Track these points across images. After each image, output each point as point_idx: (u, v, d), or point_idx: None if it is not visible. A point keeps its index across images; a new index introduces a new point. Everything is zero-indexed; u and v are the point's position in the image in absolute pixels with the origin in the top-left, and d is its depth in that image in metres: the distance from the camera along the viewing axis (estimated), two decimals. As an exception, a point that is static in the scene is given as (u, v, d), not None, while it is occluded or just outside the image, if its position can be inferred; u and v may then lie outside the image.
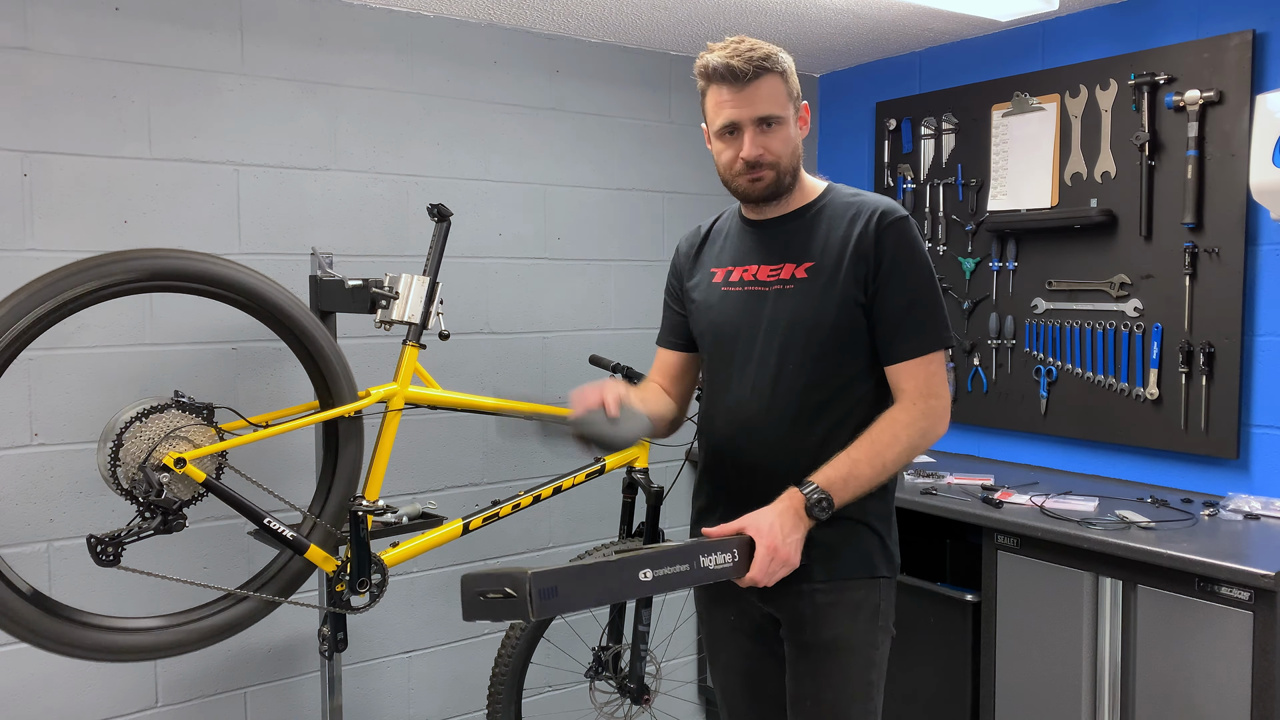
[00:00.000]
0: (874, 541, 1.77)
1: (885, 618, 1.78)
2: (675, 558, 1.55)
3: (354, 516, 2.03)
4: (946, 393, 1.71)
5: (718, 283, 1.85)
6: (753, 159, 1.70)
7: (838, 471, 1.63)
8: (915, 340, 1.68)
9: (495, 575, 1.45)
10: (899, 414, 1.67)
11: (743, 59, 1.67)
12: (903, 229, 1.70)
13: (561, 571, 1.45)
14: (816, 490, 1.61)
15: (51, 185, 2.31)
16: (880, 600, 1.76)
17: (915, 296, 1.69)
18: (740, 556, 1.59)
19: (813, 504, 1.61)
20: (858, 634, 1.74)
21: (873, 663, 1.76)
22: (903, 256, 1.68)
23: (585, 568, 1.50)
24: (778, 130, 1.71)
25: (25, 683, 2.32)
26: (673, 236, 3.31)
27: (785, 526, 1.59)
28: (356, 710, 2.78)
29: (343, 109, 2.67)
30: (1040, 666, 2.38)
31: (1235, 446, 2.55)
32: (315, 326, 1.99)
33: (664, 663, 3.18)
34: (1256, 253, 2.51)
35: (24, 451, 2.30)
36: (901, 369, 1.69)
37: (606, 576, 1.50)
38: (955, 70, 3.18)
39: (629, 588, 1.51)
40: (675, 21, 2.89)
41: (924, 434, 1.67)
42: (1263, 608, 1.98)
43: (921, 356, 1.68)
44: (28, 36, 2.26)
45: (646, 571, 1.52)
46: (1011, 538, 2.41)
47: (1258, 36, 2.49)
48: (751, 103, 1.68)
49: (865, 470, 1.64)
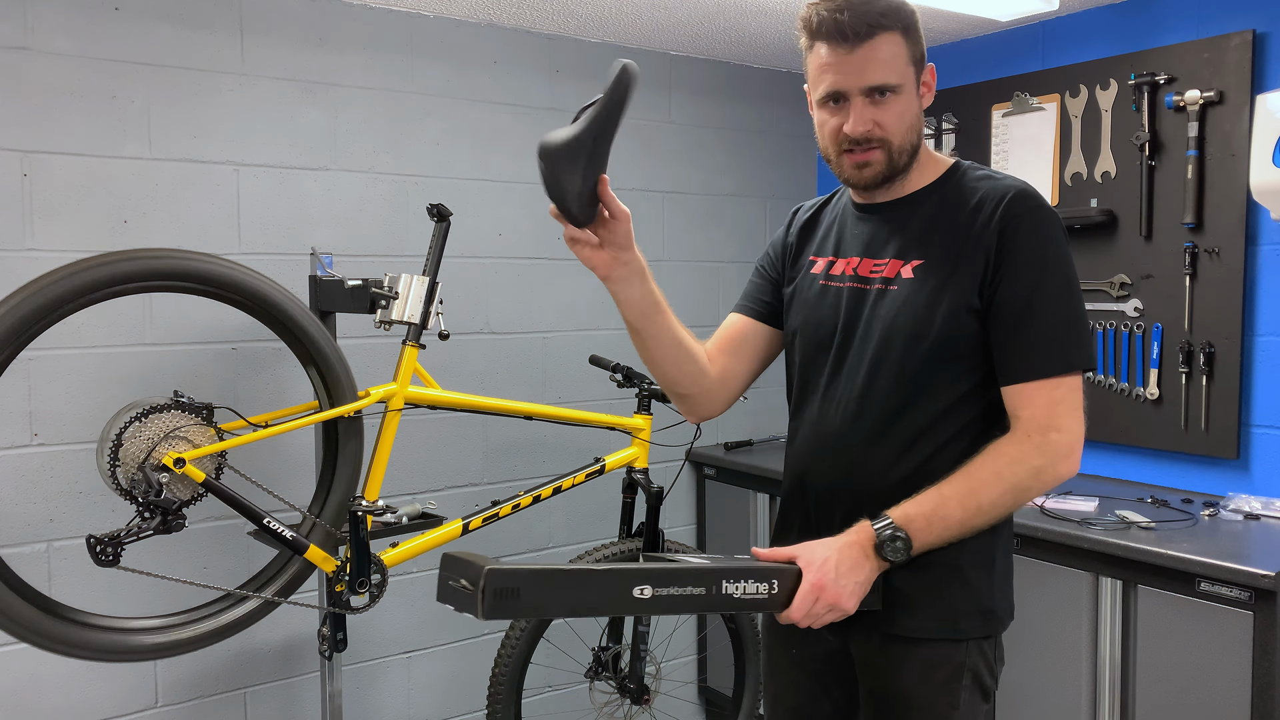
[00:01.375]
0: (965, 595, 1.48)
1: (974, 677, 1.48)
2: (688, 578, 1.34)
3: (354, 517, 2.03)
4: (1076, 426, 1.39)
5: (816, 274, 1.60)
6: (860, 135, 1.43)
7: (920, 509, 1.38)
8: (1039, 359, 1.38)
9: (464, 562, 1.31)
10: (1008, 447, 1.39)
11: (854, 12, 1.38)
12: (1038, 219, 1.40)
13: (527, 573, 1.28)
14: (891, 526, 1.37)
15: (51, 185, 2.31)
16: (966, 659, 1.47)
17: (1043, 304, 1.38)
18: (781, 589, 1.38)
19: (883, 541, 1.36)
20: (932, 692, 1.48)
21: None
22: (1031, 253, 1.39)
23: (559, 573, 1.32)
24: (893, 101, 1.42)
25: (25, 683, 2.32)
26: (673, 237, 3.31)
27: (843, 565, 1.35)
28: (356, 710, 2.78)
29: (343, 109, 2.67)
30: (1040, 666, 2.38)
31: (1235, 446, 2.55)
32: (315, 326, 1.99)
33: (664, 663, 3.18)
34: (1256, 253, 2.51)
35: (24, 451, 2.30)
36: (1019, 391, 1.40)
37: (588, 587, 1.32)
38: (955, 70, 3.18)
39: (619, 604, 1.33)
40: (675, 21, 2.89)
41: (1037, 473, 1.37)
42: (1263, 608, 1.98)
43: (1046, 379, 1.38)
44: (28, 36, 2.26)
45: (645, 589, 1.33)
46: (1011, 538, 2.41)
47: (1258, 36, 2.48)
48: (862, 69, 1.40)
49: (955, 511, 1.37)
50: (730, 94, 3.40)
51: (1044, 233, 1.40)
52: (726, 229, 3.43)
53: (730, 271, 3.45)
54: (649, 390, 2.48)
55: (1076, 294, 1.42)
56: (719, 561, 1.40)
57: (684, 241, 3.34)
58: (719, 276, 3.42)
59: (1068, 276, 1.41)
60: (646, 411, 2.47)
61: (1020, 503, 1.41)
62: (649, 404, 2.47)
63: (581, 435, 2.89)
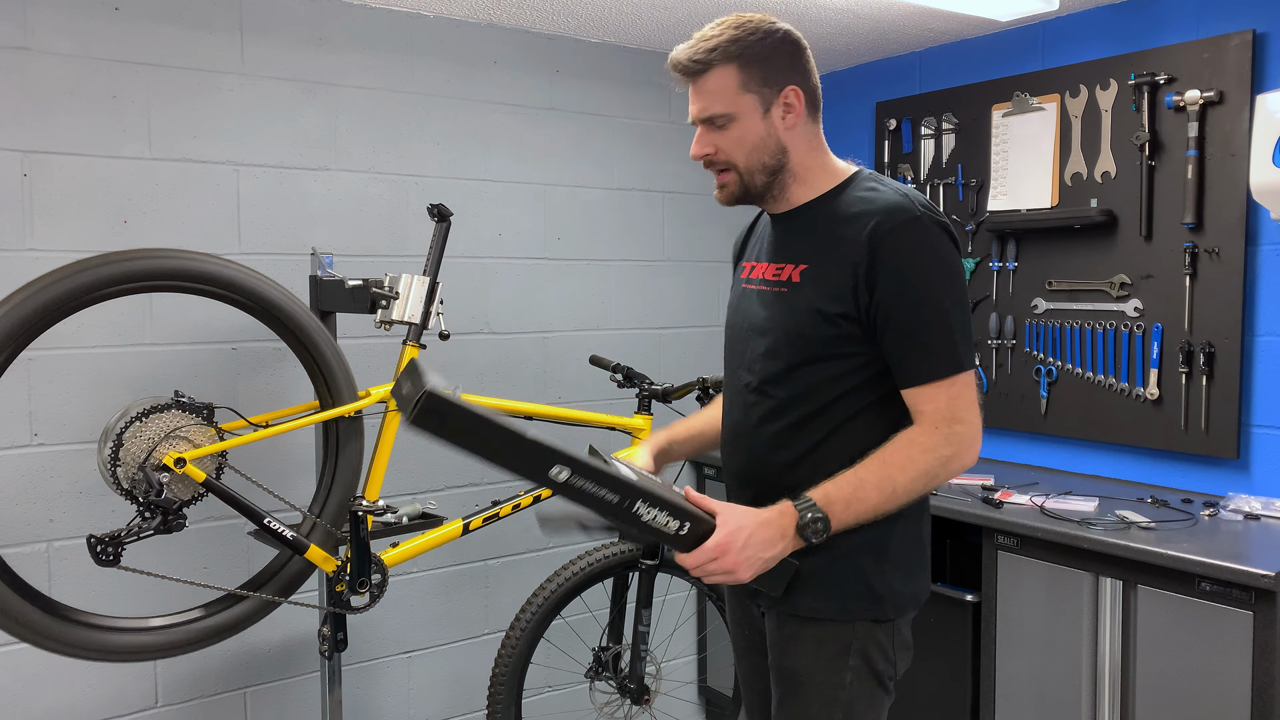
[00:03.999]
0: (853, 578, 1.55)
1: (862, 659, 1.55)
2: (608, 482, 1.39)
3: (354, 516, 2.03)
4: (975, 419, 1.49)
5: (742, 278, 1.73)
6: (696, 157, 1.59)
7: (840, 491, 1.46)
8: (927, 363, 1.47)
9: (420, 374, 1.36)
10: (918, 436, 1.48)
11: (690, 51, 1.54)
12: (909, 232, 1.46)
13: (461, 409, 1.32)
14: (813, 509, 1.45)
15: (51, 185, 2.31)
16: (854, 640, 1.55)
17: (921, 312, 1.47)
18: (689, 533, 1.44)
19: (805, 524, 1.44)
20: (819, 669, 1.56)
21: (836, 701, 1.55)
22: (904, 265, 1.46)
23: (489, 422, 1.34)
24: (731, 128, 1.54)
25: (25, 683, 2.32)
26: (673, 236, 3.32)
27: (755, 538, 1.44)
28: (356, 710, 2.78)
29: (343, 109, 2.67)
30: (1040, 666, 2.38)
31: (1235, 446, 2.55)
32: (315, 326, 1.99)
33: (664, 663, 3.18)
34: (1256, 253, 2.51)
35: (24, 451, 2.30)
36: (918, 393, 1.49)
37: (510, 446, 1.35)
38: (955, 70, 3.18)
39: (531, 472, 1.37)
40: (675, 21, 2.89)
41: (945, 462, 1.47)
42: (1263, 608, 1.98)
43: (936, 381, 1.47)
44: (28, 36, 2.26)
45: (563, 472, 1.36)
46: (1011, 538, 2.41)
47: (1258, 36, 2.48)
48: (697, 99, 1.56)
49: (872, 494, 1.46)
50: (730, 94, 3.40)
51: (915, 243, 1.47)
52: (726, 229, 3.43)
53: (728, 271, 3.44)
54: (649, 390, 2.48)
55: (954, 297, 1.49)
56: (647, 482, 1.44)
57: (684, 241, 3.34)
58: (719, 276, 3.42)
59: (944, 282, 1.49)
60: (647, 412, 2.47)
61: (929, 489, 1.51)
62: (649, 404, 2.47)
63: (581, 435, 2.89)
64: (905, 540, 1.59)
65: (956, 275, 1.50)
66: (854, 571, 1.55)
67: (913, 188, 1.53)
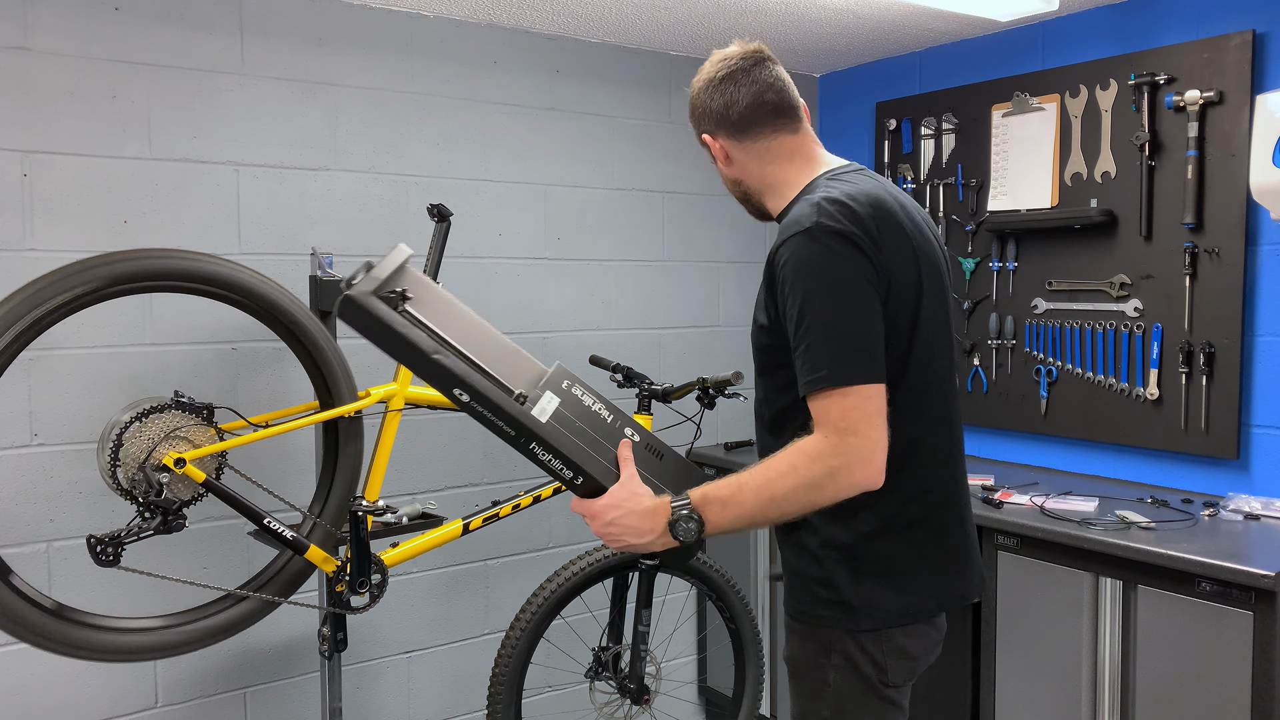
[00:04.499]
0: (821, 586, 1.57)
1: (845, 659, 1.56)
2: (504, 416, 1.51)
3: (354, 517, 2.03)
4: (875, 434, 1.43)
5: None
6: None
7: (719, 492, 1.49)
8: (809, 374, 1.45)
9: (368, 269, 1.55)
10: (807, 444, 1.44)
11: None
12: (792, 249, 1.46)
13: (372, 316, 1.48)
14: (687, 507, 1.49)
15: (51, 185, 2.30)
16: (834, 641, 1.57)
17: (804, 326, 1.45)
18: (584, 485, 1.56)
19: (675, 520, 1.49)
20: (804, 660, 1.62)
21: (819, 694, 1.59)
22: (790, 281, 1.47)
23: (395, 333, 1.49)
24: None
25: (25, 683, 2.32)
26: (673, 236, 3.31)
27: (630, 518, 1.52)
28: (356, 710, 2.78)
29: (343, 109, 2.67)
30: (1040, 666, 2.38)
31: (1235, 446, 2.55)
32: (315, 326, 1.99)
33: (664, 663, 3.18)
34: (1256, 253, 2.51)
35: (24, 451, 2.30)
36: (810, 404, 1.46)
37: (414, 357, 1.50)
38: (955, 70, 3.18)
39: (438, 383, 1.51)
40: (675, 21, 2.89)
41: (831, 473, 1.41)
42: (1263, 608, 1.98)
43: (812, 394, 1.44)
44: (28, 36, 2.26)
45: (462, 394, 1.50)
46: (1011, 538, 2.41)
47: (1258, 36, 2.48)
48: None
49: (749, 498, 1.47)
50: (730, 94, 3.40)
51: (796, 260, 1.46)
52: (726, 229, 3.43)
53: (730, 271, 3.45)
54: (649, 390, 2.48)
55: (837, 312, 1.44)
56: (562, 422, 1.56)
57: (684, 241, 3.34)
58: (719, 276, 3.42)
59: (822, 297, 1.45)
60: (647, 411, 2.46)
61: (815, 501, 1.45)
62: (649, 404, 2.47)
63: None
64: (886, 553, 1.55)
65: (833, 283, 1.45)
66: (825, 578, 1.56)
67: (830, 197, 1.49)
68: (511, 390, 1.56)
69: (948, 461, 1.61)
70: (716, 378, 2.48)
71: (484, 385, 1.51)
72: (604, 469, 1.57)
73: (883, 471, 1.44)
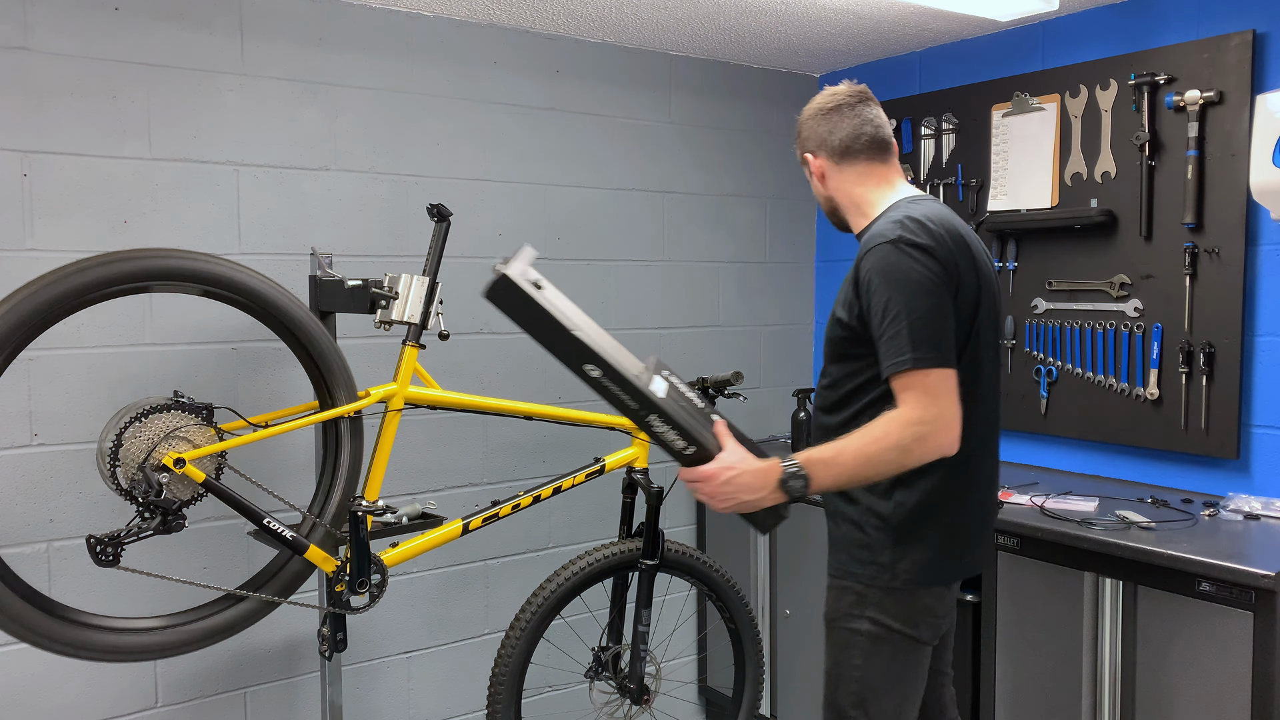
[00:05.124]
0: (860, 548, 1.84)
1: (869, 609, 1.83)
2: (629, 389, 1.68)
3: (354, 517, 2.03)
4: (951, 408, 1.70)
5: None
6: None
7: (822, 454, 1.72)
8: (894, 357, 1.71)
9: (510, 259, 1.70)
10: (896, 414, 1.70)
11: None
12: (878, 257, 1.75)
13: (522, 295, 1.67)
14: (794, 465, 1.71)
15: (51, 185, 2.31)
16: (867, 595, 1.83)
17: (886, 315, 1.72)
18: (693, 456, 1.73)
19: (786, 477, 1.70)
20: (838, 615, 1.88)
21: (850, 644, 1.85)
22: (875, 283, 1.74)
23: (542, 310, 1.67)
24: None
25: (25, 683, 2.32)
26: (672, 236, 3.32)
27: (740, 480, 1.72)
28: (356, 710, 2.78)
29: (343, 109, 2.67)
30: (1040, 666, 2.38)
31: (1235, 446, 2.55)
32: (315, 326, 1.99)
33: (664, 663, 3.18)
34: (1256, 253, 2.51)
35: (24, 451, 2.30)
36: (894, 383, 1.72)
37: (554, 333, 1.68)
38: (955, 70, 3.18)
39: (569, 360, 1.68)
40: (675, 21, 2.89)
41: (919, 439, 1.67)
42: (1263, 608, 1.98)
43: (903, 373, 1.70)
44: (28, 36, 2.26)
45: (595, 370, 1.67)
46: (1011, 538, 2.41)
47: (1258, 36, 2.48)
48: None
49: (849, 459, 1.70)
50: (730, 94, 3.40)
51: (880, 263, 1.74)
52: (726, 229, 3.43)
53: (730, 271, 3.45)
54: (649, 390, 2.48)
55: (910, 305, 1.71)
56: (674, 403, 1.73)
57: (684, 241, 3.34)
58: (719, 276, 3.42)
59: (900, 292, 1.72)
60: (646, 411, 2.46)
61: (903, 463, 1.70)
62: (649, 404, 2.47)
63: (581, 435, 2.90)
64: (920, 519, 1.80)
65: (916, 284, 1.72)
66: (865, 542, 1.83)
67: (911, 216, 1.77)
68: (632, 369, 1.73)
69: (985, 455, 1.88)
70: (716, 377, 2.49)
71: (616, 361, 1.68)
72: (712, 440, 1.76)
73: (958, 440, 1.70)
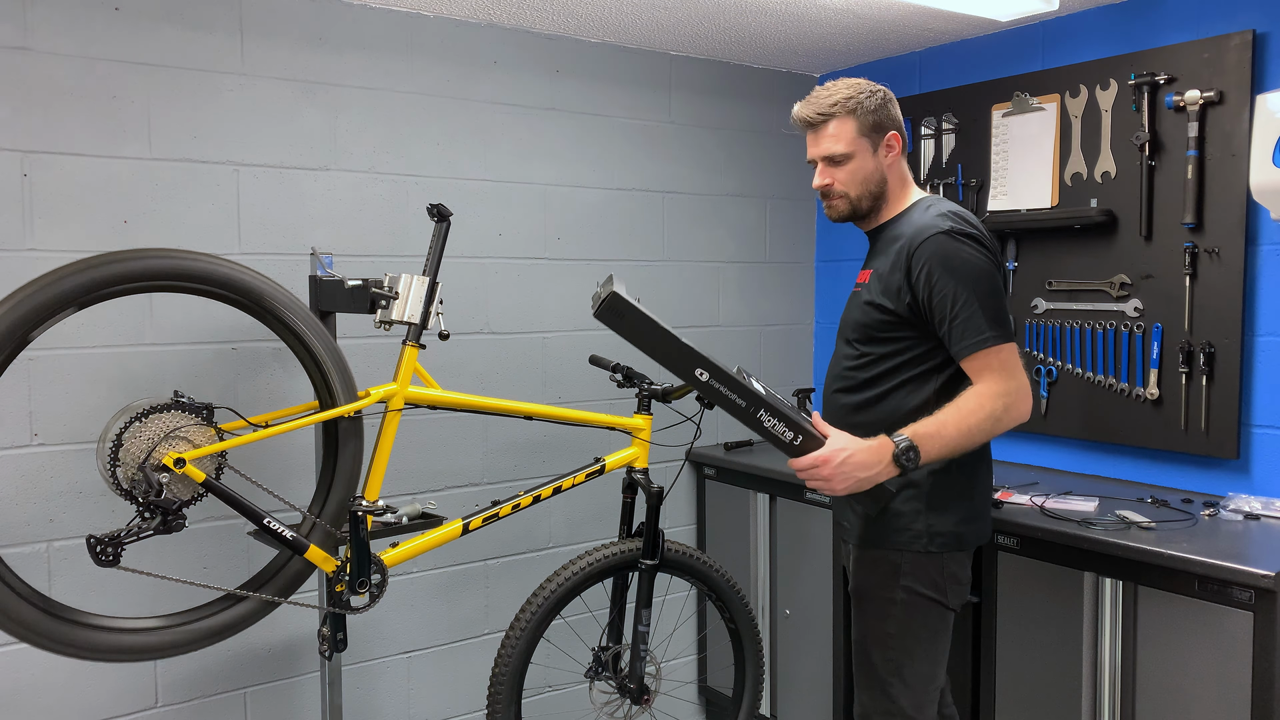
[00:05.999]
0: (900, 518, 1.97)
1: (913, 579, 1.97)
2: (739, 390, 1.81)
3: (354, 517, 2.03)
4: (1024, 377, 1.89)
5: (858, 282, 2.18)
6: (818, 189, 2.07)
7: (926, 428, 1.84)
8: (972, 337, 1.86)
9: (609, 281, 1.82)
10: (982, 389, 1.86)
11: (813, 108, 2.02)
12: (936, 246, 1.89)
13: (635, 311, 1.79)
14: (905, 440, 1.82)
15: (51, 185, 2.31)
16: (901, 563, 1.97)
17: (956, 299, 1.87)
18: (801, 445, 1.84)
19: (900, 451, 1.82)
20: (872, 586, 2.01)
21: (889, 615, 1.99)
22: (935, 271, 1.88)
23: (653, 323, 1.78)
24: (846, 164, 2.02)
25: (25, 683, 2.32)
26: (672, 236, 3.32)
27: (855, 459, 1.82)
28: (356, 710, 2.78)
29: (343, 109, 2.67)
30: (1040, 666, 2.38)
31: (1235, 447, 2.55)
32: (315, 327, 1.99)
33: (664, 663, 3.18)
34: (1256, 253, 2.51)
35: (24, 451, 2.30)
36: (968, 364, 1.89)
37: (666, 343, 1.79)
38: (955, 70, 3.18)
39: (681, 369, 1.79)
40: (675, 21, 2.89)
41: (1007, 408, 1.85)
42: (1263, 608, 1.98)
43: (978, 351, 1.86)
44: (28, 36, 2.26)
45: (704, 374, 1.80)
46: (1011, 538, 2.41)
47: (1258, 36, 2.48)
48: (818, 144, 2.04)
49: (951, 431, 1.84)
50: (730, 94, 3.40)
51: (942, 249, 1.89)
52: (726, 229, 3.43)
53: (730, 271, 3.45)
54: (649, 390, 2.48)
55: (981, 287, 1.88)
56: (774, 398, 1.85)
57: (684, 241, 3.34)
58: (719, 276, 3.42)
59: (972, 275, 1.89)
60: (646, 411, 2.46)
61: (994, 432, 1.87)
62: (649, 404, 2.47)
63: (581, 435, 2.89)
64: (946, 490, 1.97)
65: (980, 270, 1.89)
66: (900, 510, 1.97)
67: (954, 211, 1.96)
68: (730, 368, 1.83)
69: None
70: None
71: (722, 365, 1.81)
72: (813, 429, 1.86)
73: (1031, 408, 1.90)
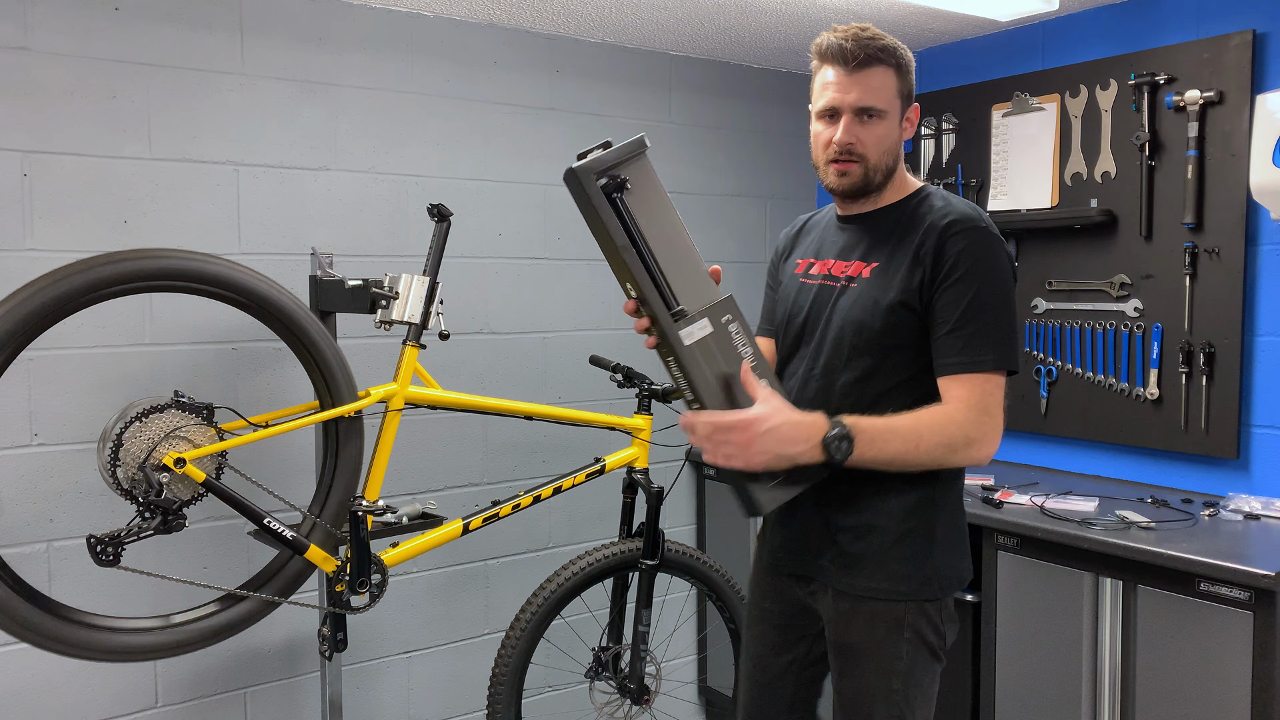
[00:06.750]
0: (905, 561, 1.68)
1: (915, 632, 1.68)
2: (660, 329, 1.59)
3: (354, 516, 2.03)
4: (1000, 420, 1.60)
5: (798, 274, 1.85)
6: (843, 145, 1.66)
7: (871, 425, 1.55)
8: (967, 354, 1.58)
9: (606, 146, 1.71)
10: (951, 411, 1.58)
11: (857, 42, 1.66)
12: (972, 237, 1.60)
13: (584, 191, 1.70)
14: (842, 426, 1.53)
15: (51, 185, 2.31)
16: (906, 616, 1.67)
17: (972, 308, 1.58)
18: (722, 401, 1.59)
19: (831, 437, 1.52)
20: (875, 641, 1.69)
21: (894, 670, 1.68)
22: (966, 266, 1.59)
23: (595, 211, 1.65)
24: (877, 124, 1.66)
25: (25, 683, 2.32)
26: (673, 236, 3.31)
27: (781, 431, 1.51)
28: (356, 710, 2.78)
29: (343, 109, 2.67)
30: (1040, 666, 2.38)
31: (1235, 446, 2.55)
32: (315, 326, 1.99)
33: (664, 663, 3.18)
34: (1256, 253, 2.51)
35: (24, 451, 2.30)
36: (951, 382, 1.59)
37: (605, 240, 1.64)
38: (955, 70, 3.18)
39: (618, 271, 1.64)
40: (675, 21, 2.89)
41: (968, 442, 1.57)
42: (1263, 608, 1.98)
43: (973, 373, 1.57)
44: (28, 36, 2.26)
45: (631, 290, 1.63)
46: (1011, 538, 2.41)
47: (1258, 36, 2.49)
48: (856, 88, 1.66)
49: (897, 440, 1.55)
50: (730, 94, 3.40)
51: (978, 247, 1.61)
52: (726, 229, 3.43)
53: (730, 271, 3.44)
54: (649, 390, 2.48)
55: (1005, 302, 1.61)
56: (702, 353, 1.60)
57: (684, 241, 3.33)
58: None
59: (1000, 286, 1.61)
60: (647, 411, 2.47)
61: (944, 462, 1.59)
62: (649, 404, 2.47)
63: (581, 435, 2.89)
64: (949, 526, 1.72)
65: (1007, 283, 1.62)
66: (906, 555, 1.68)
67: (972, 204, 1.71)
68: (673, 304, 1.61)
69: None
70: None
71: (651, 291, 1.59)
72: (722, 407, 1.59)
73: (991, 456, 1.61)
